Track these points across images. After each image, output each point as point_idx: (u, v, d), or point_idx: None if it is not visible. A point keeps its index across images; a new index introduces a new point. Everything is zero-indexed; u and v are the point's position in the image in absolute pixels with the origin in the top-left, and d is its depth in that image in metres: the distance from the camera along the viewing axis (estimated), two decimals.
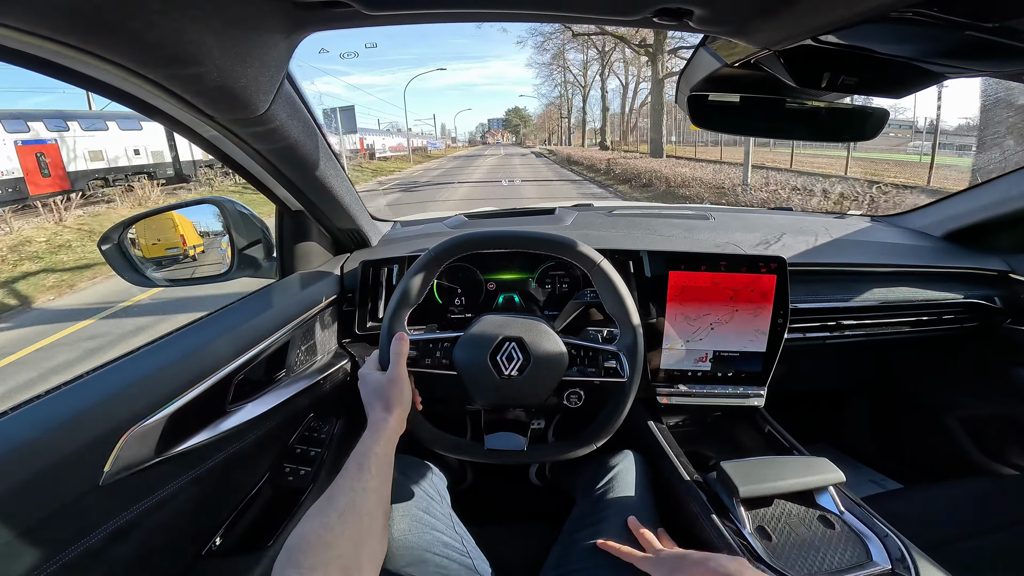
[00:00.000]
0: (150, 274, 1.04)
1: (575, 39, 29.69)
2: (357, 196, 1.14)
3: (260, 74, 0.58)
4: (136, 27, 0.44)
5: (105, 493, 0.61)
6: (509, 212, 1.59)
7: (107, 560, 0.62)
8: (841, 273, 1.27)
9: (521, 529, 1.11)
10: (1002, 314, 1.31)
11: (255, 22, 0.51)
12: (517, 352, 0.82)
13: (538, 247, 0.88)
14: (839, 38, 0.58)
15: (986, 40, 0.54)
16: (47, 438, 0.57)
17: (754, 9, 0.54)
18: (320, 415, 1.09)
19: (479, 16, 0.55)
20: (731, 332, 1.06)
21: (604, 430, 0.85)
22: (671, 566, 0.71)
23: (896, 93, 0.77)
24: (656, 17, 0.54)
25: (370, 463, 0.64)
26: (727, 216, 1.51)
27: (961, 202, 1.42)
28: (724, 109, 0.90)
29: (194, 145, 0.80)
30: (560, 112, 54.73)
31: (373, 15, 0.53)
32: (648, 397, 1.10)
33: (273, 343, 0.90)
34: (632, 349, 0.84)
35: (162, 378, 0.69)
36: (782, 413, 1.12)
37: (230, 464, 0.81)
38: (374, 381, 0.77)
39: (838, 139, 0.99)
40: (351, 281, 1.15)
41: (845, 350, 1.32)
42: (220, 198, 1.07)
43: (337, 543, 0.54)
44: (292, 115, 0.73)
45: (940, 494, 1.13)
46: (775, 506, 0.84)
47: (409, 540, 0.79)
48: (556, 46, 34.09)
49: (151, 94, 0.55)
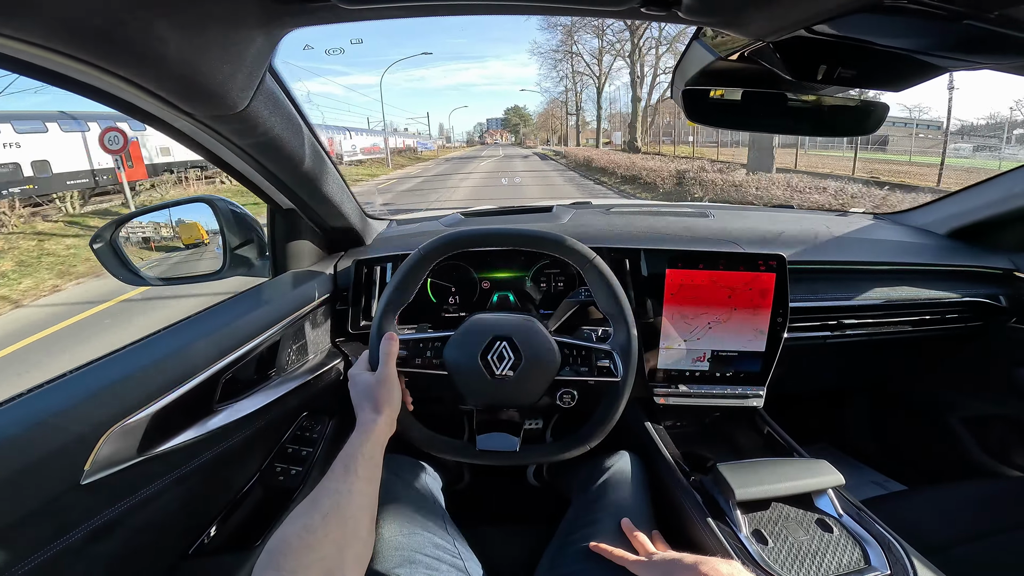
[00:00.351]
0: (143, 273, 1.04)
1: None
2: (350, 194, 1.13)
3: (238, 70, 0.57)
4: (102, 25, 0.43)
5: (86, 491, 0.61)
6: (506, 210, 1.58)
7: (88, 558, 0.62)
8: (842, 271, 1.25)
9: (517, 530, 1.10)
10: (1007, 313, 1.29)
11: (229, 17, 0.50)
12: (508, 352, 0.81)
13: (528, 244, 0.87)
14: (833, 28, 0.56)
15: (986, 30, 0.52)
16: (27, 436, 0.56)
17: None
18: (313, 414, 1.08)
19: (461, 9, 0.54)
20: (730, 331, 1.05)
21: (597, 431, 0.83)
22: (663, 570, 0.69)
23: (896, 86, 0.75)
24: (644, 7, 0.53)
25: (356, 465, 0.64)
26: (726, 213, 1.49)
27: (965, 199, 1.40)
28: (720, 104, 0.88)
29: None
30: (566, 108, 49.44)
31: (352, 9, 0.52)
32: (645, 397, 1.08)
33: (263, 342, 0.89)
34: (626, 348, 0.83)
35: (146, 376, 0.69)
36: (782, 413, 1.11)
37: (218, 463, 0.81)
38: (363, 382, 0.76)
39: (838, 134, 0.97)
40: (344, 280, 1.15)
41: (846, 350, 1.30)
42: (212, 196, 1.06)
43: (320, 545, 0.53)
44: (274, 111, 0.72)
45: (942, 496, 1.12)
46: (772, 509, 0.83)
47: (399, 541, 0.79)
48: (567, 22, 30.51)
49: (126, 92, 0.54)
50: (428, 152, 60.44)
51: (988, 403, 1.43)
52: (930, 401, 1.55)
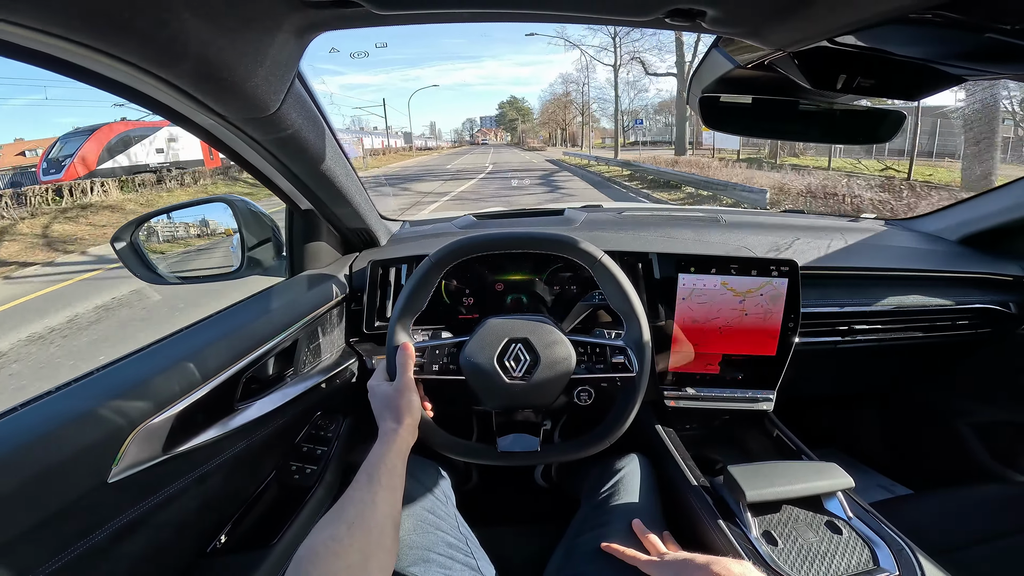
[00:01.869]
0: (162, 272, 1.05)
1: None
2: (367, 195, 1.14)
3: (271, 73, 0.58)
4: (147, 26, 0.44)
5: (112, 490, 0.61)
6: (518, 212, 1.59)
7: (114, 557, 0.63)
8: (854, 277, 1.26)
9: (525, 530, 1.11)
10: (1017, 320, 1.29)
11: (268, 21, 0.51)
12: (524, 353, 0.82)
13: (537, 247, 0.88)
14: (856, 39, 0.57)
15: (1007, 43, 0.52)
16: (56, 435, 0.57)
17: (769, 10, 0.53)
18: (327, 414, 1.09)
19: (489, 16, 0.55)
20: (741, 336, 1.05)
21: (616, 427, 0.84)
22: (675, 570, 0.70)
23: (913, 96, 0.76)
24: (668, 18, 0.54)
25: (380, 474, 0.65)
26: (738, 218, 1.50)
27: (977, 206, 1.40)
28: (737, 110, 0.89)
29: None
30: (583, 101, 41.72)
31: (384, 15, 0.53)
32: (655, 400, 1.09)
33: (281, 342, 0.90)
34: (639, 343, 0.84)
35: (171, 376, 0.70)
36: (791, 417, 1.11)
37: (237, 462, 0.82)
38: (382, 392, 0.77)
39: (852, 141, 0.97)
40: (360, 280, 1.16)
41: (856, 355, 1.30)
42: (231, 196, 1.07)
43: (346, 554, 0.55)
44: (302, 114, 0.74)
45: (950, 500, 1.12)
46: (782, 511, 0.84)
47: (413, 540, 0.80)
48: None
49: (163, 93, 0.55)
50: (401, 155, 46.30)
51: (997, 409, 1.43)
52: (939, 407, 1.55)
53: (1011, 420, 1.40)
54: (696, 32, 0.58)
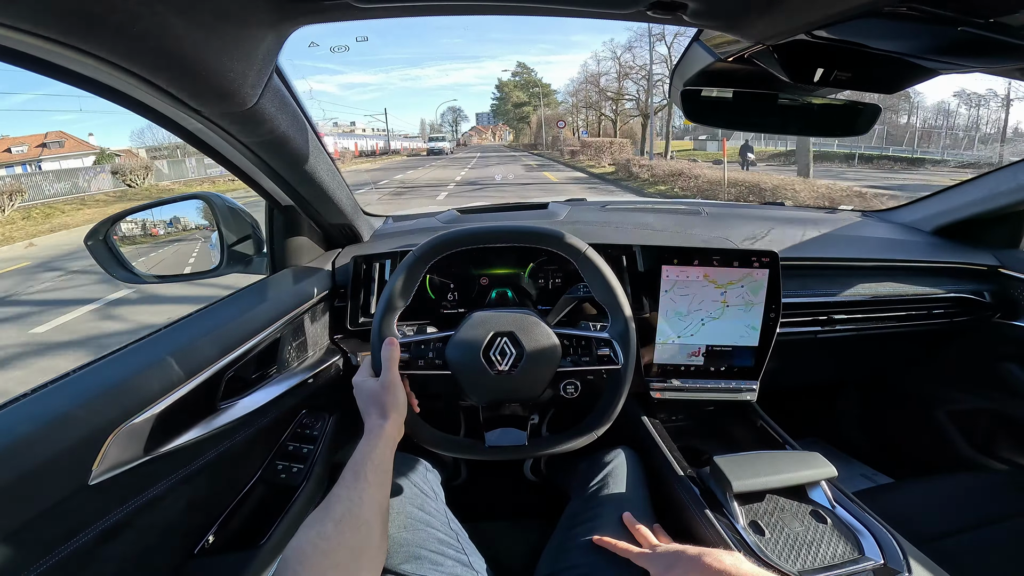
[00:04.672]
0: (137, 270, 1.03)
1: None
2: (349, 191, 1.13)
3: (248, 68, 0.57)
4: (119, 20, 0.43)
5: (94, 492, 0.60)
6: (502, 207, 1.58)
7: (98, 560, 0.61)
8: (832, 267, 1.28)
9: (516, 525, 1.11)
10: (991, 309, 1.32)
11: (244, 15, 0.50)
12: (510, 347, 0.82)
13: (522, 240, 0.88)
14: (833, 33, 0.58)
15: (979, 36, 0.53)
16: (33, 438, 0.55)
17: (748, 3, 0.53)
18: (312, 412, 1.08)
19: (471, 9, 0.54)
20: (724, 326, 1.07)
21: (604, 418, 0.85)
22: (667, 561, 0.71)
23: (889, 89, 0.77)
24: (650, 11, 0.54)
25: (366, 471, 0.64)
26: (718, 211, 1.51)
27: (951, 198, 1.43)
28: (717, 104, 0.90)
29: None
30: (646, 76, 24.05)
31: (364, 8, 0.52)
32: (641, 392, 1.10)
33: (264, 339, 0.89)
34: (624, 335, 0.84)
35: (150, 376, 0.69)
36: (774, 408, 1.13)
37: (222, 462, 0.81)
38: (368, 388, 0.77)
39: (830, 134, 0.99)
40: (343, 276, 1.15)
41: (836, 344, 1.33)
42: (208, 193, 1.05)
43: (335, 552, 0.54)
44: (281, 109, 0.72)
45: (930, 489, 1.15)
46: (768, 500, 0.85)
47: (404, 537, 0.79)
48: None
49: (136, 89, 0.53)
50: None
51: (974, 397, 1.47)
52: (917, 395, 1.59)
53: (987, 408, 1.44)
54: (678, 25, 0.58)
